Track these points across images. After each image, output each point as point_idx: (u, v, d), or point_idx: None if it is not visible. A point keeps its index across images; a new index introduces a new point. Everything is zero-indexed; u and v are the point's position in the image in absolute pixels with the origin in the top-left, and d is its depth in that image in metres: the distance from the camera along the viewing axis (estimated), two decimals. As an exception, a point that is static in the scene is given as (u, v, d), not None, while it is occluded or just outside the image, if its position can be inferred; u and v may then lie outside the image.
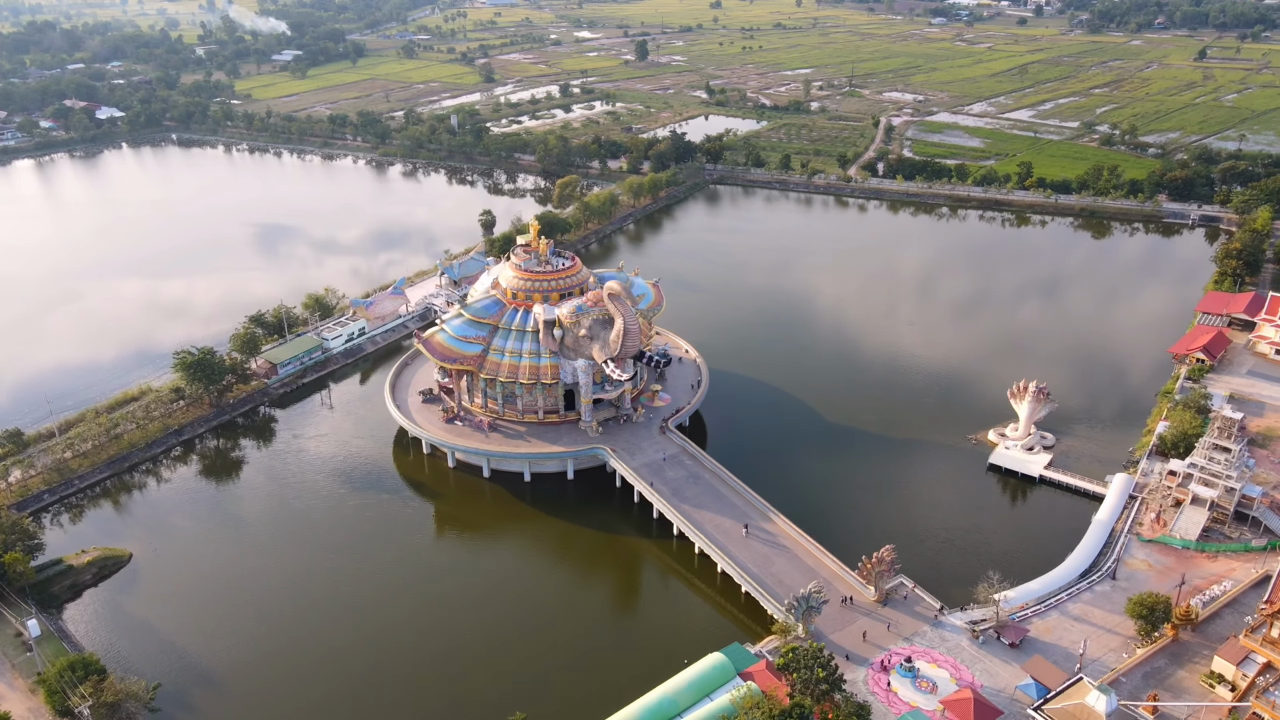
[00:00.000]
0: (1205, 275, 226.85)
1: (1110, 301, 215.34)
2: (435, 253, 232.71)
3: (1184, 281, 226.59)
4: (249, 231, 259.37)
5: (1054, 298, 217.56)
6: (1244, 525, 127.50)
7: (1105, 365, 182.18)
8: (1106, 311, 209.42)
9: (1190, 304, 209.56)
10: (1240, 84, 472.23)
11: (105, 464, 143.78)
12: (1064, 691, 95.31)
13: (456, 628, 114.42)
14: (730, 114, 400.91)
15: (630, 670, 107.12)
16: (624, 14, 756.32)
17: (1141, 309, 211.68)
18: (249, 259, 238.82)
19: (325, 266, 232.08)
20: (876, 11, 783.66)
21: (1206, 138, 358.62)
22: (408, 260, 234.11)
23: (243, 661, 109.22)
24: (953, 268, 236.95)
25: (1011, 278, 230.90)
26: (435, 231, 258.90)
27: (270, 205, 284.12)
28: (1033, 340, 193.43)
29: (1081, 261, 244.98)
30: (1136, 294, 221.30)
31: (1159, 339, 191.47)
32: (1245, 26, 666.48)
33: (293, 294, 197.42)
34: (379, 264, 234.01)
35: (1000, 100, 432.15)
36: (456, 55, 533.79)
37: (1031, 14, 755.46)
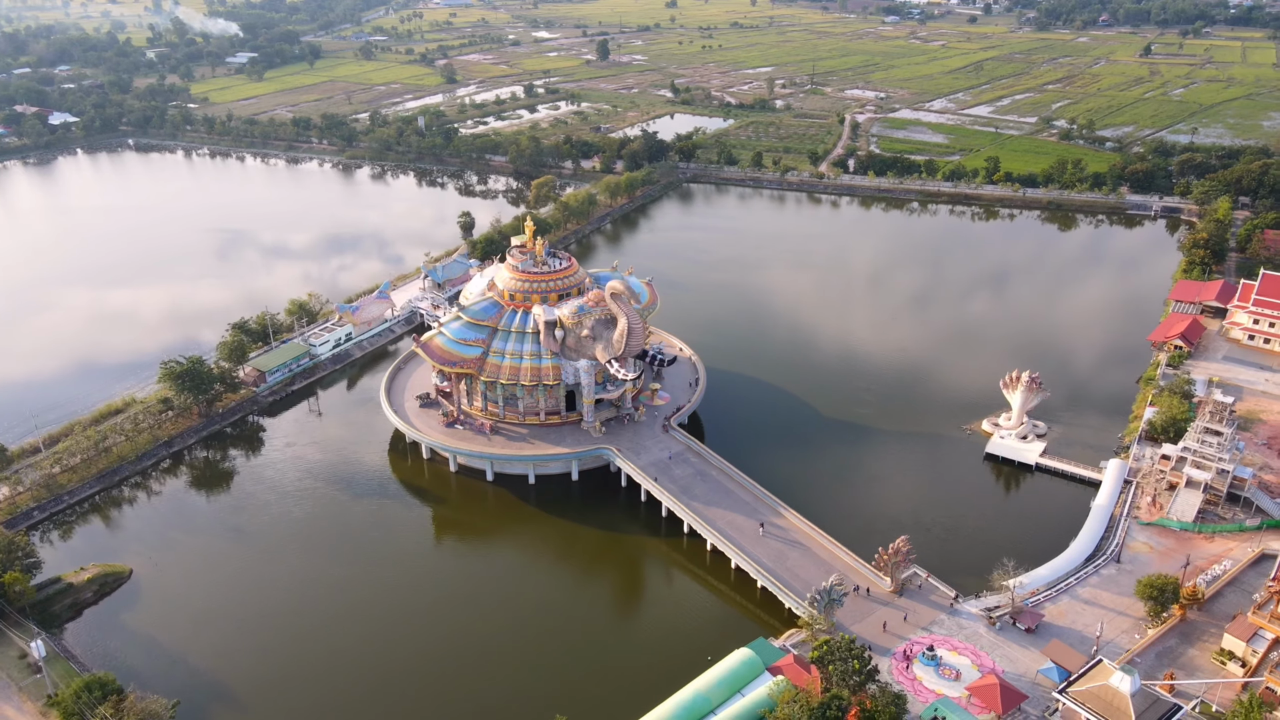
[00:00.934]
0: (1171, 264, 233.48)
1: (1084, 292, 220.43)
2: (415, 256, 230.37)
3: (1152, 271, 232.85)
4: (219, 237, 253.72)
5: (1030, 289, 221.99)
6: (1236, 506, 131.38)
7: (1085, 354, 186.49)
8: (1081, 302, 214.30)
9: (1160, 293, 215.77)
10: (1186, 79, 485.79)
11: (95, 478, 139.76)
12: (1086, 674, 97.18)
13: (472, 634, 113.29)
14: (697, 112, 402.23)
15: (653, 669, 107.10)
16: (581, 14, 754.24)
17: (1114, 298, 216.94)
18: (221, 265, 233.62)
19: (301, 272, 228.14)
20: (830, 10, 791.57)
21: (1159, 131, 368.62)
22: (387, 264, 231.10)
23: (257, 676, 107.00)
24: (929, 262, 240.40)
25: (988, 271, 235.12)
26: (412, 235, 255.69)
27: (238, 210, 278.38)
28: (1013, 331, 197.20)
29: (1052, 253, 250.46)
30: (1108, 284, 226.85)
31: (1134, 327, 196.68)
32: (1186, 23, 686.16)
33: (270, 300, 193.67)
34: (356, 268, 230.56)
35: (959, 97, 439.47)
36: (416, 56, 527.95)
37: (981, 12, 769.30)
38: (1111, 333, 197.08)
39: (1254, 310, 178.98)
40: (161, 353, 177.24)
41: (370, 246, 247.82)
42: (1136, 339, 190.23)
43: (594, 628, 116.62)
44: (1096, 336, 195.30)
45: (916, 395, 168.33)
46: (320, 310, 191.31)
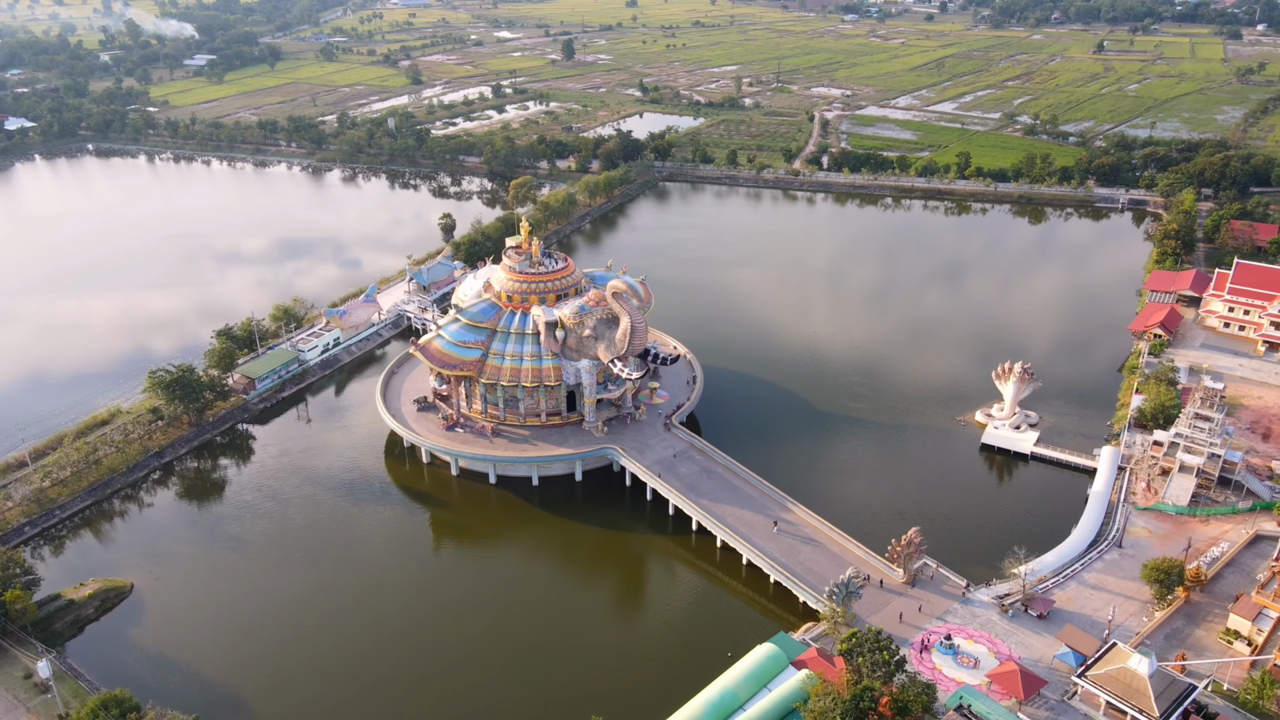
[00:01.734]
0: (1141, 255, 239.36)
1: (1060, 284, 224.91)
2: (395, 259, 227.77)
3: (1124, 262, 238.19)
4: (191, 243, 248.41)
5: (1007, 282, 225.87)
6: (1228, 489, 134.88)
7: (1066, 344, 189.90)
8: (1058, 293, 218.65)
9: (1132, 283, 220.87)
10: (1139, 74, 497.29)
11: (86, 491, 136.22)
12: (1102, 658, 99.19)
13: (489, 638, 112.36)
14: (666, 111, 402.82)
15: (674, 667, 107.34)
16: (541, 13, 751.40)
17: (1089, 289, 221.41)
18: (195, 271, 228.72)
19: (278, 276, 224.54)
20: (790, 9, 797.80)
21: (1119, 125, 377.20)
22: (367, 268, 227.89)
23: (271, 687, 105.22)
24: (909, 257, 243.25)
25: (966, 265, 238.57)
26: (389, 237, 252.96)
27: (208, 215, 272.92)
28: (995, 323, 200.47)
29: (1027, 247, 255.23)
30: (1082, 275, 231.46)
31: (1110, 317, 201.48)
32: (1135, 20, 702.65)
33: (248, 306, 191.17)
34: (336, 273, 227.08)
35: (923, 94, 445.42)
36: (378, 57, 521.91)
37: (937, 10, 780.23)
38: (1089, 323, 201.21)
39: (1229, 299, 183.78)
40: (142, 362, 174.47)
41: (348, 250, 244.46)
42: (1114, 328, 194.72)
43: (610, 628, 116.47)
44: (1075, 327, 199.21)
45: (908, 388, 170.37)
46: (305, 315, 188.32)
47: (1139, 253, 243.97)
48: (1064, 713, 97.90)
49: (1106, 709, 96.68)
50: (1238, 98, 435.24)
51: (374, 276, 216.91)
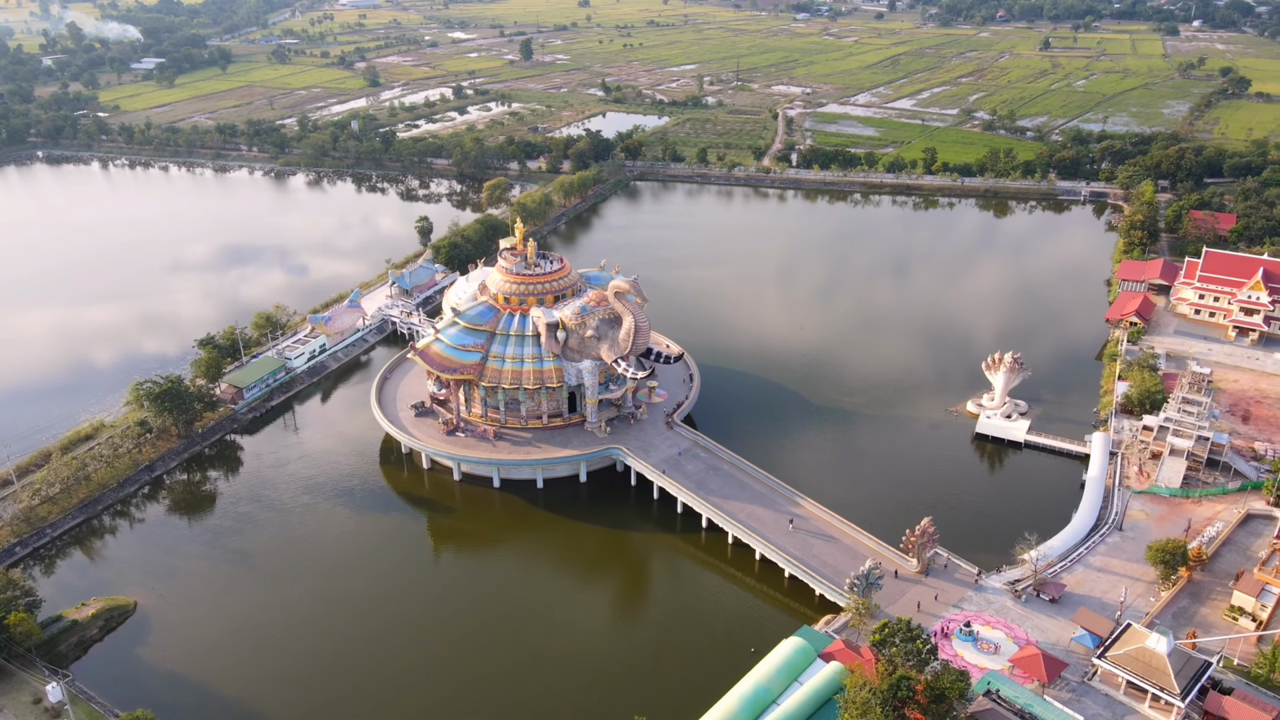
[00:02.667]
0: (1105, 245, 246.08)
1: (1031, 274, 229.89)
2: (370, 263, 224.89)
3: (1090, 252, 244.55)
4: (156, 250, 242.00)
5: (981, 275, 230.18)
6: (1216, 470, 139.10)
7: (1042, 334, 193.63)
8: (1030, 284, 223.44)
9: (1100, 273, 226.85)
10: (1086, 71, 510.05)
11: (77, 508, 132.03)
12: (1119, 638, 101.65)
13: (503, 644, 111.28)
14: (630, 110, 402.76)
15: (698, 664, 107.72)
16: (494, 13, 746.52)
17: (1059, 279, 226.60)
18: (163, 280, 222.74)
19: (253, 283, 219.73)
20: (742, 8, 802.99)
21: (1072, 120, 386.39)
22: (343, 272, 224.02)
23: (287, 701, 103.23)
24: (885, 252, 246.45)
25: (940, 258, 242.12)
26: (362, 241, 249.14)
27: (170, 222, 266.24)
28: (974, 315, 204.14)
29: (996, 239, 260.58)
30: (1051, 266, 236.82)
31: (1083, 306, 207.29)
32: (1077, 18, 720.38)
33: (225, 313, 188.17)
34: (311, 278, 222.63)
35: (881, 91, 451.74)
36: (332, 59, 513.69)
37: (886, 9, 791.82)
38: (1063, 312, 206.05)
39: (1200, 286, 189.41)
40: (118, 374, 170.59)
41: (322, 255, 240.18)
42: (1087, 317, 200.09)
43: (629, 629, 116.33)
44: (1050, 316, 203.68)
45: (898, 381, 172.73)
46: (288, 322, 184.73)
47: (1103, 243, 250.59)
48: (1086, 694, 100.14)
49: (1127, 688, 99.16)
50: (1181, 92, 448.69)
51: (351, 281, 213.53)
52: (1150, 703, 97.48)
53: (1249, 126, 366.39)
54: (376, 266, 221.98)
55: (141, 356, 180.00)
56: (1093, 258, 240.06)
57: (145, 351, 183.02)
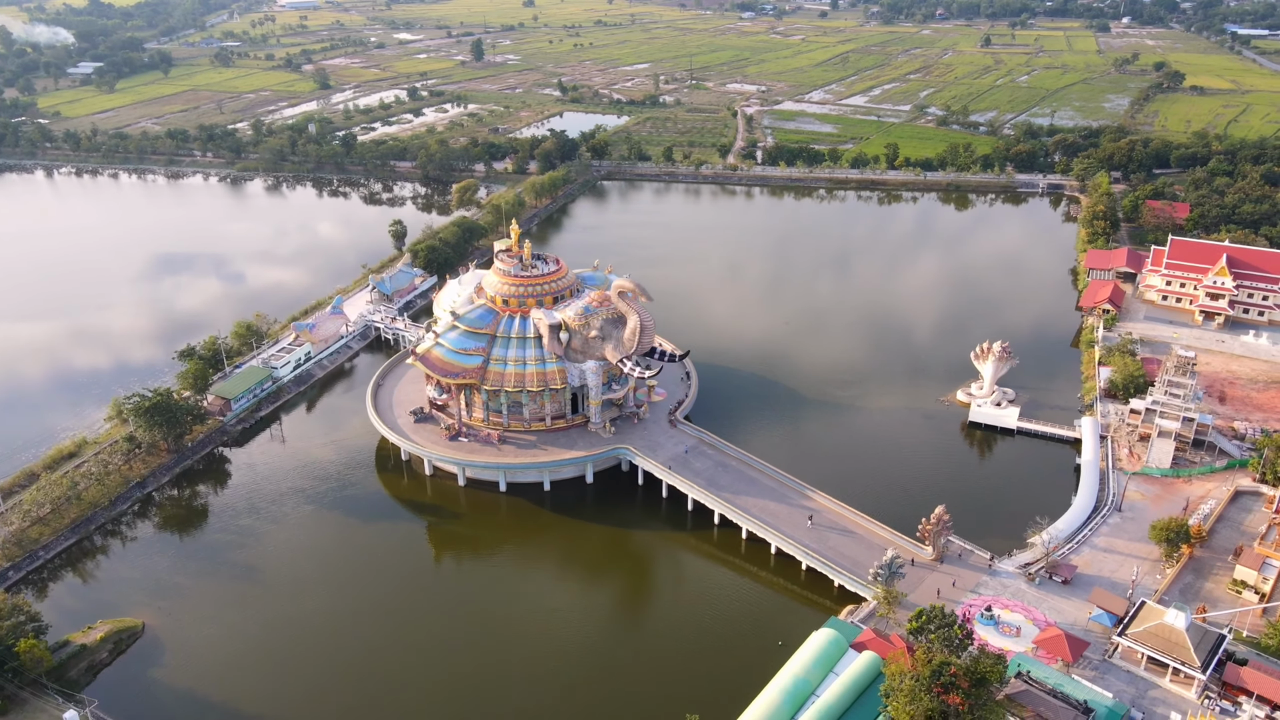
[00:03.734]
0: (1066, 235, 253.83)
1: (999, 265, 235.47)
2: (343, 268, 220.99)
3: (1052, 242, 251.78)
4: (116, 261, 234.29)
5: (952, 266, 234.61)
6: (1202, 450, 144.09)
7: (1015, 322, 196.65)
8: (999, 274, 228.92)
9: (1064, 261, 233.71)
10: (1027, 67, 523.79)
11: (69, 529, 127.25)
12: (1136, 616, 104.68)
13: (526, 651, 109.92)
14: (589, 110, 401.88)
15: (728, 660, 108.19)
16: (439, 14, 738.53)
17: (1026, 269, 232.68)
18: (127, 291, 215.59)
19: (224, 292, 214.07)
20: (688, 7, 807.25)
21: (1020, 115, 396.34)
22: (316, 278, 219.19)
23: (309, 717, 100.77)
24: (857, 246, 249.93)
25: (911, 251, 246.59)
26: (332, 247, 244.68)
27: (127, 232, 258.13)
28: (949, 305, 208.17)
29: (962, 232, 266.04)
30: (1017, 256, 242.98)
31: (1051, 294, 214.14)
32: (1013, 15, 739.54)
33: (200, 323, 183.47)
34: (283, 285, 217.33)
35: (834, 88, 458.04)
36: (278, 62, 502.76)
37: (828, 7, 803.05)
38: (1033, 301, 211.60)
39: (1167, 273, 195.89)
40: (92, 388, 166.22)
41: (293, 262, 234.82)
42: (1057, 305, 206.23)
43: (655, 628, 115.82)
44: (1021, 305, 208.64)
45: (885, 373, 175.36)
46: (268, 331, 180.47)
47: (1064, 233, 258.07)
48: (1108, 671, 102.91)
49: (1147, 664, 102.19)
50: (1118, 86, 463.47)
51: (324, 288, 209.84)
52: (1171, 677, 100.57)
53: (1187, 119, 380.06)
54: (350, 272, 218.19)
55: (117, 370, 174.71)
56: (1056, 248, 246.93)
57: (120, 365, 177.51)
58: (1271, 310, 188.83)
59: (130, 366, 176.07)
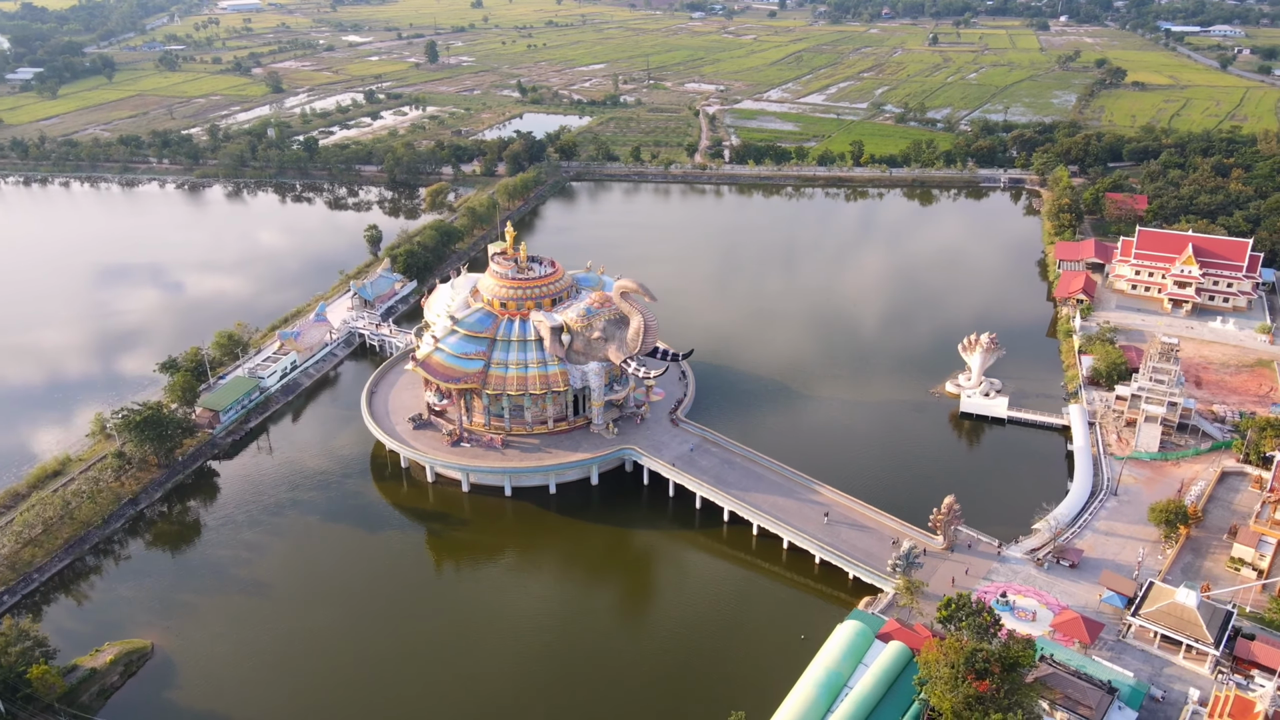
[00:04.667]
0: (1029, 227, 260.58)
1: (969, 258, 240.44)
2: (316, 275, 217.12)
3: (1017, 235, 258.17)
4: (76, 274, 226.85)
5: (924, 260, 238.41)
6: (1186, 434, 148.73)
7: (990, 313, 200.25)
8: (970, 267, 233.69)
9: (1030, 253, 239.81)
10: (974, 64, 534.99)
11: (63, 550, 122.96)
12: (1146, 597, 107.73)
13: (548, 655, 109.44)
14: (550, 111, 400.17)
15: (753, 656, 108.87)
16: (386, 15, 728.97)
17: (995, 261, 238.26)
18: (94, 303, 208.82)
19: (194, 301, 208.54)
20: (638, 7, 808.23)
21: (974, 111, 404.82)
22: (292, 286, 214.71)
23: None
24: (828, 243, 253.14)
25: (884, 247, 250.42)
26: (301, 253, 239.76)
27: (84, 243, 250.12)
28: (926, 298, 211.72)
29: (929, 226, 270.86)
30: (985, 249, 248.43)
31: (1022, 285, 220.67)
32: (956, 14, 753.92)
33: (174, 334, 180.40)
34: (255, 293, 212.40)
35: (791, 87, 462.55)
36: (226, 65, 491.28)
37: (777, 6, 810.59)
38: (1006, 293, 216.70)
39: (1136, 263, 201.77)
40: (70, 403, 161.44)
41: (264, 269, 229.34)
42: (1028, 296, 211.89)
43: (675, 627, 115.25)
44: (995, 297, 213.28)
45: (872, 366, 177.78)
46: (249, 340, 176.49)
47: (1027, 226, 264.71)
48: (1123, 651, 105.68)
49: (1160, 642, 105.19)
50: (1063, 83, 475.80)
51: (297, 295, 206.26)
52: (1184, 654, 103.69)
53: (1132, 114, 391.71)
54: (325, 278, 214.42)
55: (93, 385, 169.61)
56: (1022, 240, 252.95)
57: (96, 380, 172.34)
58: (1235, 297, 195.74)
59: (108, 381, 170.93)
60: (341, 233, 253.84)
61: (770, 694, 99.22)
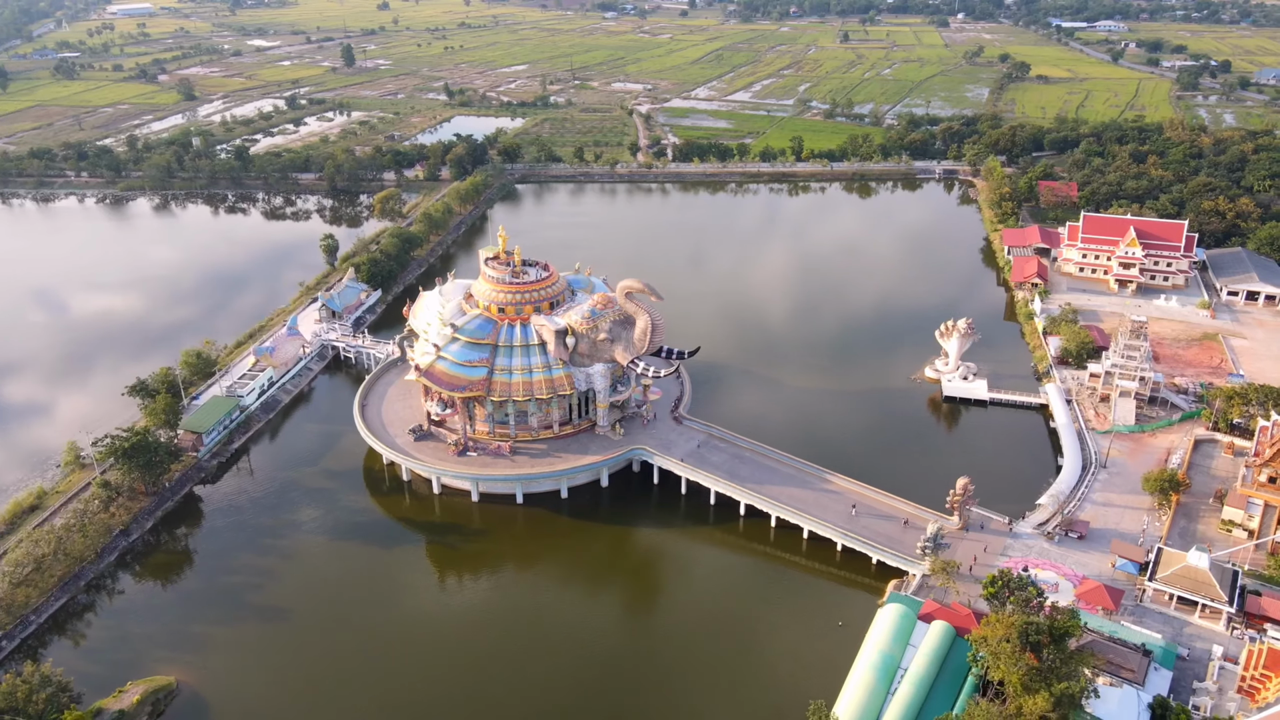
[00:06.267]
0: (967, 215, 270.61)
1: (917, 247, 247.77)
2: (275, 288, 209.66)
3: (958, 223, 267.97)
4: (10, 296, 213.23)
5: (875, 252, 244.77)
6: (1156, 406, 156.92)
7: (948, 301, 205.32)
8: (920, 256, 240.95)
9: (973, 241, 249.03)
10: (887, 61, 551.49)
11: (58, 588, 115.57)
12: (1159, 562, 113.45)
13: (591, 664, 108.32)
14: (480, 113, 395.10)
15: (799, 646, 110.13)
16: (288, 19, 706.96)
17: (942, 250, 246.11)
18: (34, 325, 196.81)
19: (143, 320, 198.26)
20: (549, 8, 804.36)
21: (896, 105, 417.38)
22: (239, 300, 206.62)
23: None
24: (781, 237, 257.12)
25: (835, 240, 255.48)
26: (248, 266, 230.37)
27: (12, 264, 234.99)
28: (882, 288, 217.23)
29: (874, 218, 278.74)
30: (931, 238, 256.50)
31: (970, 271, 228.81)
32: (861, 12, 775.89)
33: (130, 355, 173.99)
34: (210, 308, 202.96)
35: (716, 85, 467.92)
36: (129, 73, 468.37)
37: (688, 5, 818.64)
38: (958, 279, 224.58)
39: (1083, 246, 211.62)
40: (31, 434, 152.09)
41: (214, 283, 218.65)
42: (980, 282, 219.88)
43: (710, 625, 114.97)
44: (948, 284, 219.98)
45: (852, 355, 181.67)
46: (218, 358, 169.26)
47: (965, 214, 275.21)
48: (1143, 614, 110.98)
49: (1177, 604, 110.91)
50: (972, 77, 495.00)
51: (260, 308, 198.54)
52: (1200, 613, 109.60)
53: (1041, 105, 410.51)
54: (277, 290, 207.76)
55: (55, 413, 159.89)
56: (963, 228, 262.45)
57: (57, 407, 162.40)
58: (1174, 275, 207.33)
59: (68, 409, 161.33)
60: (286, 243, 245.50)
61: (823, 682, 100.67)
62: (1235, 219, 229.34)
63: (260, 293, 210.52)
